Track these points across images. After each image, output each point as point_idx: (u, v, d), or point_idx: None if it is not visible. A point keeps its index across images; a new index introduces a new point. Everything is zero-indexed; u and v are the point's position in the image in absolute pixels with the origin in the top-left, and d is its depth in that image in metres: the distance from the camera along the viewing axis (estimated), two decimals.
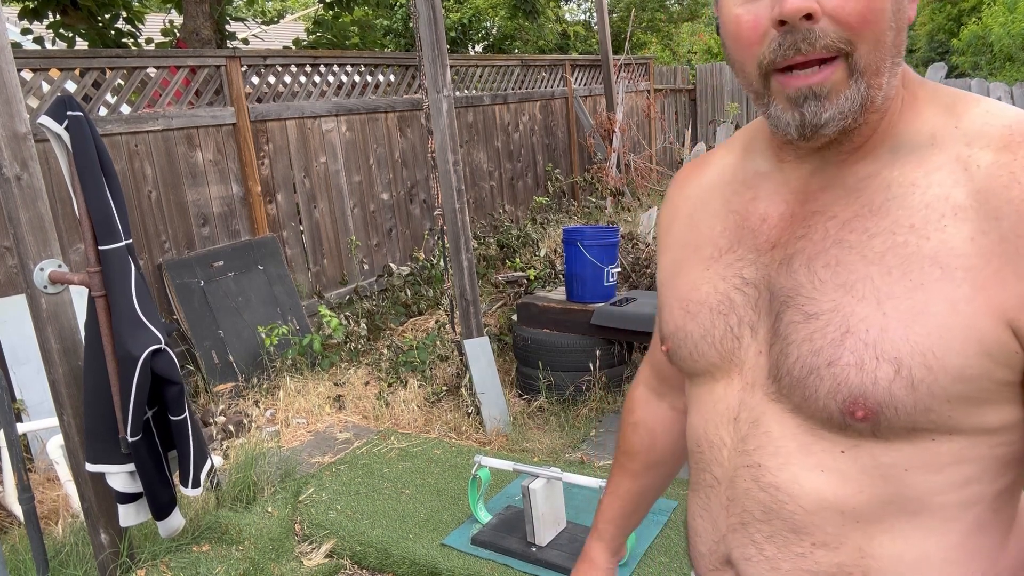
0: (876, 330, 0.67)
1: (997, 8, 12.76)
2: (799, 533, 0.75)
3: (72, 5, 6.27)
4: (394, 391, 4.20)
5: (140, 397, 2.09)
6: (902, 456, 0.70)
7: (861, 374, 0.67)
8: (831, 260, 0.71)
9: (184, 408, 2.23)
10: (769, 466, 0.76)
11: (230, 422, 3.79)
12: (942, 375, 0.65)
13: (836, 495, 0.72)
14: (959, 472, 0.69)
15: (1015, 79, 10.90)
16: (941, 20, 18.59)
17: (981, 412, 0.67)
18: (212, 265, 4.63)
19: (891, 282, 0.67)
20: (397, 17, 11.17)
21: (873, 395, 0.67)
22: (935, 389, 0.66)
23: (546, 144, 8.47)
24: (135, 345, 2.09)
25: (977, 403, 0.67)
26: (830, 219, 0.72)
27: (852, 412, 0.69)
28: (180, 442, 2.27)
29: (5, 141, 2.13)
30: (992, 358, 0.64)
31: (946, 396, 0.66)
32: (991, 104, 0.69)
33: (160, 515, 2.33)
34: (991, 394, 0.66)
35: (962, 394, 0.66)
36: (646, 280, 4.56)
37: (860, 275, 0.69)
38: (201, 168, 4.75)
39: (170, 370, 2.15)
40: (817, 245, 0.72)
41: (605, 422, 3.78)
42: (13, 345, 3.58)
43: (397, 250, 6.30)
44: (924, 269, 0.66)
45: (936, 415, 0.67)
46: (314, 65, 5.54)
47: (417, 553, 2.65)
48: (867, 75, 0.67)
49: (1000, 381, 0.66)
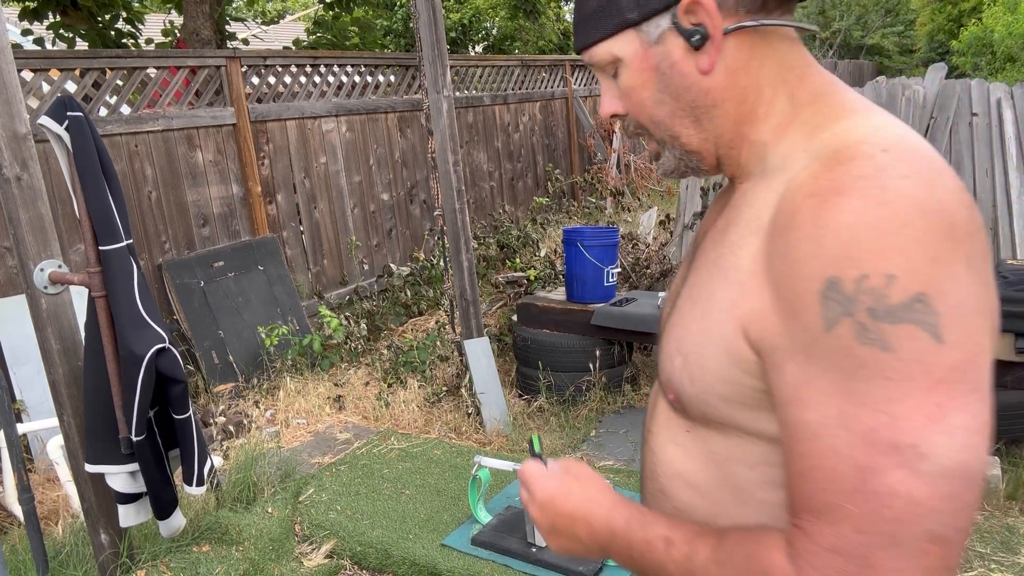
0: (681, 328, 0.77)
1: (998, 8, 12.75)
2: (666, 494, 0.82)
3: (72, 5, 6.27)
4: (394, 391, 4.20)
5: (145, 396, 2.09)
6: (723, 447, 0.75)
7: (671, 363, 0.77)
8: (699, 267, 0.79)
9: (188, 406, 2.23)
10: (652, 431, 0.86)
11: (230, 422, 3.78)
12: (709, 375, 0.71)
13: (684, 468, 0.79)
14: (770, 473, 0.71)
15: (1015, 79, 10.90)
16: (941, 20, 18.58)
17: (760, 417, 0.69)
18: (212, 265, 4.63)
19: (706, 289, 0.74)
20: (397, 17, 11.18)
21: (676, 382, 0.76)
22: (706, 386, 0.72)
23: (546, 144, 8.46)
24: (140, 344, 2.08)
25: (750, 407, 0.70)
26: (712, 233, 0.80)
27: (667, 393, 0.79)
28: (184, 440, 2.27)
29: (5, 141, 2.13)
30: (739, 367, 0.68)
31: (716, 394, 0.71)
32: (858, 123, 0.67)
33: (162, 515, 2.33)
34: (759, 401, 0.69)
35: (730, 396, 0.70)
36: (646, 280, 4.56)
37: (701, 281, 0.77)
38: (201, 168, 4.75)
39: (174, 368, 2.15)
40: (700, 257, 0.80)
41: (605, 422, 3.78)
42: (13, 345, 3.58)
43: (397, 250, 6.30)
44: (720, 279, 0.72)
45: (715, 411, 0.73)
46: (314, 65, 5.54)
47: (417, 553, 2.65)
48: (668, 143, 0.78)
49: (757, 389, 0.68)
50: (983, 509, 2.62)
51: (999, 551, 2.37)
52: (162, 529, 2.38)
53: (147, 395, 2.09)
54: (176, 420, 2.23)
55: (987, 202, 4.06)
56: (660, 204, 8.36)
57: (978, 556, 2.35)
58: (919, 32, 20.45)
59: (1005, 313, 2.73)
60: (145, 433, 2.14)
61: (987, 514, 2.58)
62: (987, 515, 2.57)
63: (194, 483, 2.30)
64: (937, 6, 18.96)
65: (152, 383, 2.10)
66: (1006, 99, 4.35)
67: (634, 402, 3.97)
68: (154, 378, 2.10)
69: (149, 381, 2.09)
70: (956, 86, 4.48)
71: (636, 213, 7.95)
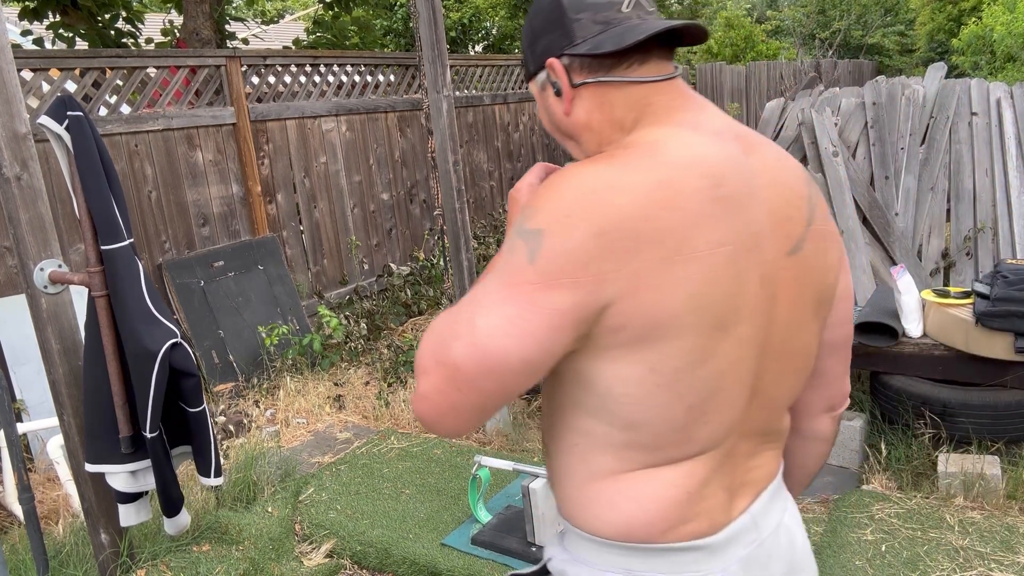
0: None
1: (997, 8, 12.75)
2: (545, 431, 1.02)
3: (72, 5, 6.27)
4: (394, 391, 4.20)
5: (159, 393, 2.08)
6: (550, 392, 0.95)
7: None
8: None
9: (201, 400, 2.23)
10: None
11: (230, 422, 3.79)
12: None
13: (544, 407, 1.00)
14: (577, 419, 0.91)
15: (1016, 79, 10.90)
16: (941, 20, 18.57)
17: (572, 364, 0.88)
18: (212, 265, 4.63)
19: None
20: (397, 17, 11.17)
21: None
22: None
23: (546, 144, 8.47)
24: (153, 341, 2.07)
25: None
26: None
27: None
28: (200, 433, 2.26)
29: (5, 141, 2.13)
30: None
31: None
32: (566, 171, 0.88)
33: (171, 512, 2.33)
34: None
35: None
36: None
37: None
38: (201, 168, 4.75)
39: (186, 363, 2.15)
40: None
41: None
42: (13, 345, 3.59)
43: (397, 250, 6.31)
44: None
45: None
46: (314, 65, 5.54)
47: (417, 553, 2.65)
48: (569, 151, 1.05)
49: None
50: (983, 508, 2.62)
51: (999, 551, 2.37)
52: (170, 526, 2.37)
53: (161, 391, 2.09)
54: (190, 413, 2.23)
55: (987, 202, 4.06)
56: None
57: (978, 556, 2.35)
58: (919, 32, 20.44)
59: (1005, 313, 2.73)
60: (159, 430, 2.14)
61: (987, 514, 2.58)
62: (987, 515, 2.57)
63: (212, 474, 2.30)
64: (937, 5, 18.95)
65: (166, 378, 2.09)
66: (1006, 99, 4.35)
67: None
68: (167, 373, 2.10)
69: (163, 377, 2.08)
70: (956, 86, 4.48)
71: None
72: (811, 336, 0.99)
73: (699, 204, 0.83)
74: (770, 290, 0.90)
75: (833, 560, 2.39)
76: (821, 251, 0.96)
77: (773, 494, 1.00)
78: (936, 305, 3.04)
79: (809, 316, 0.97)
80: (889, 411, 3.07)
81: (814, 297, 0.97)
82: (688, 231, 0.81)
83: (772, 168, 0.94)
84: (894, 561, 2.36)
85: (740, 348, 0.88)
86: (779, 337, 0.93)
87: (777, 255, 0.90)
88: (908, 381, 3.04)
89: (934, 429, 2.91)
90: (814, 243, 0.95)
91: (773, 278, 0.90)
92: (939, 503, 2.67)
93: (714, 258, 0.83)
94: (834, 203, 4.13)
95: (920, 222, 4.13)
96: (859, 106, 4.54)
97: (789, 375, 0.98)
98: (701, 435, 0.89)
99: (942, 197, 4.18)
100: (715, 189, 0.84)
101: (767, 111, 4.88)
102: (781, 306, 0.92)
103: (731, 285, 0.85)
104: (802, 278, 0.94)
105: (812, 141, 4.38)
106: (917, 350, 3.05)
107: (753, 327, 0.88)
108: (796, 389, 1.02)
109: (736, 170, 0.88)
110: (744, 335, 0.87)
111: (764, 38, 18.44)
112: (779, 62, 13.69)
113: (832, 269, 0.99)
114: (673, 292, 0.81)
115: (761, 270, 0.88)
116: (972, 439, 2.86)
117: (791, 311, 0.94)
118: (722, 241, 0.84)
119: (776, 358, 0.94)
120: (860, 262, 3.97)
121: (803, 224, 0.94)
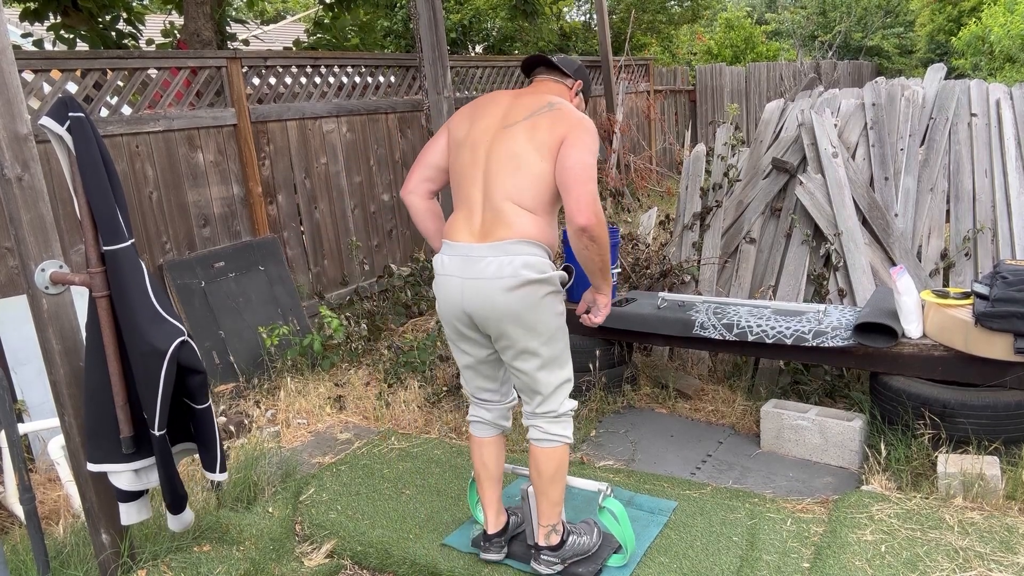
0: None
1: (997, 8, 12.76)
2: None
3: (73, 6, 6.28)
4: (394, 392, 4.21)
5: (167, 390, 2.09)
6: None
7: None
8: None
9: (208, 396, 2.24)
10: None
11: (231, 422, 3.79)
12: None
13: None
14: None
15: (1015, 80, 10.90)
16: (941, 21, 18.59)
17: None
18: (213, 266, 4.63)
19: None
20: (397, 18, 11.18)
21: None
22: None
23: None
24: (161, 339, 2.08)
25: None
26: None
27: None
28: (205, 429, 2.27)
29: (7, 142, 2.14)
30: None
31: None
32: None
33: (177, 509, 2.34)
34: None
35: None
36: (646, 281, 4.56)
37: None
38: (202, 169, 4.76)
39: (194, 360, 2.15)
40: None
41: (605, 422, 3.78)
42: (14, 346, 3.59)
43: (398, 251, 6.31)
44: None
45: None
46: (315, 66, 5.55)
47: (418, 553, 2.66)
48: None
49: None
50: (982, 509, 2.62)
51: (998, 551, 2.37)
52: (175, 524, 2.38)
53: (169, 389, 2.09)
54: (196, 410, 2.24)
55: (986, 202, 4.07)
56: (660, 204, 8.37)
57: (978, 556, 2.36)
58: (919, 33, 20.45)
59: (1005, 314, 2.74)
60: (166, 428, 2.15)
61: (986, 514, 2.58)
62: (987, 515, 2.58)
63: (217, 469, 2.30)
64: (937, 6, 18.97)
65: (174, 376, 2.10)
66: (1005, 99, 4.36)
67: (634, 402, 3.98)
68: (176, 371, 2.10)
69: (171, 375, 2.08)
70: (955, 86, 4.48)
71: (636, 213, 7.96)
72: (524, 155, 2.24)
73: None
74: (492, 135, 2.28)
75: (833, 560, 2.40)
76: (530, 125, 2.22)
77: (492, 247, 2.18)
78: (936, 306, 3.04)
79: (519, 149, 2.24)
80: (889, 412, 3.08)
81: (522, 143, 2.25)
82: None
83: (525, 97, 2.32)
84: (894, 561, 2.37)
85: (475, 158, 2.28)
86: (494, 155, 2.24)
87: (499, 125, 2.27)
88: (908, 382, 3.04)
89: (934, 430, 2.91)
90: (528, 123, 2.23)
91: (495, 133, 2.28)
92: (939, 503, 2.67)
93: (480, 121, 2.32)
94: (834, 204, 4.14)
95: (919, 223, 4.13)
96: (859, 107, 4.54)
97: (505, 176, 2.21)
98: (459, 199, 2.30)
99: (941, 198, 4.19)
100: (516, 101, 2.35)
101: (767, 112, 4.89)
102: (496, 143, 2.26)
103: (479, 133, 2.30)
104: (507, 136, 2.25)
105: (812, 142, 4.39)
106: (917, 351, 3.05)
107: (483, 149, 2.27)
108: (510, 186, 2.21)
109: (512, 96, 2.35)
110: (478, 154, 2.27)
111: (764, 39, 18.45)
112: (779, 63, 13.69)
113: (542, 130, 2.21)
114: None
115: (492, 132, 2.28)
116: (972, 440, 2.86)
117: (502, 145, 2.25)
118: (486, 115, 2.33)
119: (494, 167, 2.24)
120: (860, 263, 3.98)
121: (520, 118, 2.25)
